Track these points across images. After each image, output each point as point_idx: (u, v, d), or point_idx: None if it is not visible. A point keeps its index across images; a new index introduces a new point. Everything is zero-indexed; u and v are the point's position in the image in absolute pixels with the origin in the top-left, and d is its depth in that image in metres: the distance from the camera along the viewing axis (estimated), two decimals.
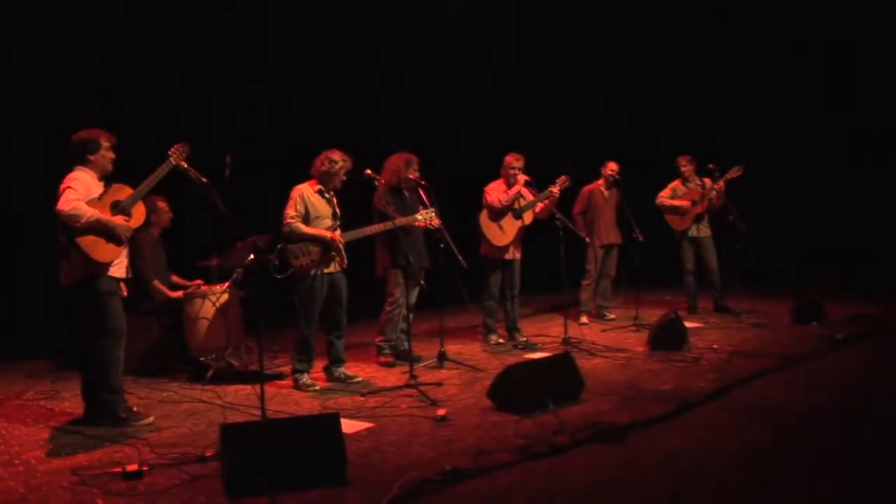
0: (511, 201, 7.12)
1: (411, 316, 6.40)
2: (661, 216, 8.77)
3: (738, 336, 7.30)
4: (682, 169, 8.76)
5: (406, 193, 6.60)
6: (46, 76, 7.63)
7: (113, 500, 3.65)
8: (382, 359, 6.65)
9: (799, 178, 11.29)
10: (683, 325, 6.93)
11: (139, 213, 5.01)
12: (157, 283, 6.58)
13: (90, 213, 4.66)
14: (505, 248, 7.19)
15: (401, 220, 6.18)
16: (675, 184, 8.82)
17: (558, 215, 7.16)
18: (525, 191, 7.26)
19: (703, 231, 8.70)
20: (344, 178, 5.95)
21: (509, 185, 7.21)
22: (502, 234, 7.17)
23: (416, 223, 6.41)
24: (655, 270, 9.45)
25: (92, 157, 4.89)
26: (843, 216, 11.21)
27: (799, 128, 11.46)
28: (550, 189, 7.16)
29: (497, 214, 7.17)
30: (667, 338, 6.72)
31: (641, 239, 7.85)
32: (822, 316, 7.76)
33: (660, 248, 8.89)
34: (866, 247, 10.91)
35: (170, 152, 4.97)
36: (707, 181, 8.67)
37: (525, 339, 7.35)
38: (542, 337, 7.58)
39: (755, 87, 11.73)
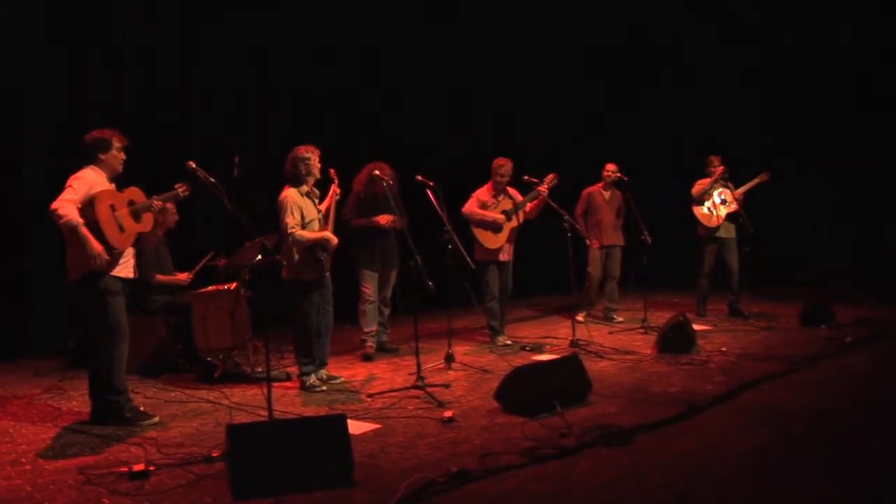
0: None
1: (387, 311, 7.16)
2: (670, 218, 8.71)
3: (747, 339, 7.27)
4: (713, 168, 8.55)
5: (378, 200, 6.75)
6: None
7: (119, 499, 3.65)
8: (363, 350, 6.96)
9: (806, 180, 11.25)
10: (692, 328, 6.90)
11: (147, 220, 5.10)
12: (159, 276, 6.54)
13: (72, 216, 4.58)
14: (498, 250, 7.19)
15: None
16: (704, 182, 8.65)
17: (566, 217, 7.14)
18: (513, 191, 7.28)
19: (729, 232, 8.57)
20: (319, 164, 5.84)
21: (497, 190, 7.23)
22: (494, 236, 7.18)
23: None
24: (663, 272, 9.41)
25: (103, 157, 4.93)
26: (852, 218, 11.17)
27: (802, 129, 11.43)
28: (538, 189, 7.12)
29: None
30: (675, 340, 6.69)
31: (650, 241, 7.82)
32: (831, 319, 7.74)
33: (667, 250, 8.85)
34: (875, 249, 10.86)
35: (176, 186, 5.23)
36: (730, 184, 8.54)
37: (510, 342, 7.35)
38: (550, 339, 7.57)
39: (762, 88, 11.72)
